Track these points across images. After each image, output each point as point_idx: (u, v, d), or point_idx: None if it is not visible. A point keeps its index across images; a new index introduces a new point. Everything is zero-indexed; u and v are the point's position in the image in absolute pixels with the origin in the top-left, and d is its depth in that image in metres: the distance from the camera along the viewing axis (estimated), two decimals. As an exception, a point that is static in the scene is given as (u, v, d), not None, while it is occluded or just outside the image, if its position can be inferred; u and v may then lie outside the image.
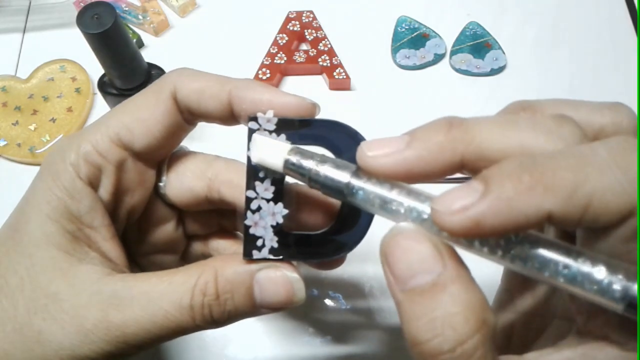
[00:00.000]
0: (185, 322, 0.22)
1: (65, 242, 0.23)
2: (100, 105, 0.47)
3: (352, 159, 0.20)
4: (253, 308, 0.23)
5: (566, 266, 0.16)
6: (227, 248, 0.30)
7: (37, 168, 0.44)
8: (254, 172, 0.22)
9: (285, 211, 0.22)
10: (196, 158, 0.27)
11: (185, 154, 0.27)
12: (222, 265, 0.23)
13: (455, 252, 0.18)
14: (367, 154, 0.19)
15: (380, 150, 0.19)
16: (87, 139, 0.24)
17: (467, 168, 0.19)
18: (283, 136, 0.22)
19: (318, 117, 0.23)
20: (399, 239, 0.18)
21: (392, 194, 0.19)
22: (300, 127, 0.22)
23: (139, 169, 0.26)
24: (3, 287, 0.22)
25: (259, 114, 0.22)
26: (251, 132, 0.22)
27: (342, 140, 0.22)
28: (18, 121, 0.46)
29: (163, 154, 0.26)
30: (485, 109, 0.46)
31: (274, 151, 0.21)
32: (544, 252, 0.17)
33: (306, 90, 0.48)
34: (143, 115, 0.24)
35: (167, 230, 0.28)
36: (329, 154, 0.22)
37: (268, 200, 0.22)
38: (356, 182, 0.20)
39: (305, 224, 0.25)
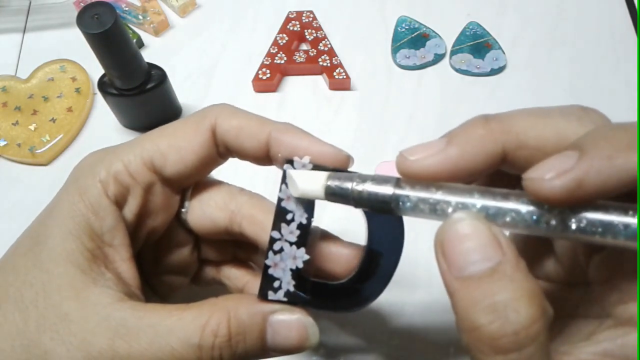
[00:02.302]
0: None
1: (83, 260, 0.23)
2: (100, 105, 0.47)
3: (379, 216, 0.21)
4: (263, 351, 0.23)
5: (626, 225, 0.17)
6: (239, 277, 0.30)
7: (38, 168, 0.45)
8: (282, 214, 0.22)
9: (307, 257, 0.22)
10: (221, 189, 0.27)
11: (210, 183, 0.27)
12: (236, 306, 0.22)
13: (511, 241, 0.18)
14: (409, 159, 0.19)
15: (422, 154, 0.19)
16: (119, 157, 0.24)
17: (507, 160, 0.19)
18: None
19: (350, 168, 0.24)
20: (457, 227, 0.18)
21: (439, 195, 0.19)
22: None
23: (166, 193, 0.26)
24: (17, 300, 0.22)
25: (296, 158, 0.23)
26: (285, 175, 0.22)
27: None
28: (18, 121, 0.46)
29: (190, 182, 0.27)
30: (485, 109, 0.46)
31: (313, 180, 0.21)
32: (605, 216, 0.17)
33: (306, 90, 0.48)
34: (179, 143, 0.25)
35: (183, 254, 0.28)
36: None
37: (291, 244, 0.22)
38: (401, 192, 0.19)
39: (324, 272, 0.25)
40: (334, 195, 0.21)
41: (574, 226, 0.17)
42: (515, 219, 0.18)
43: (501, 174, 0.21)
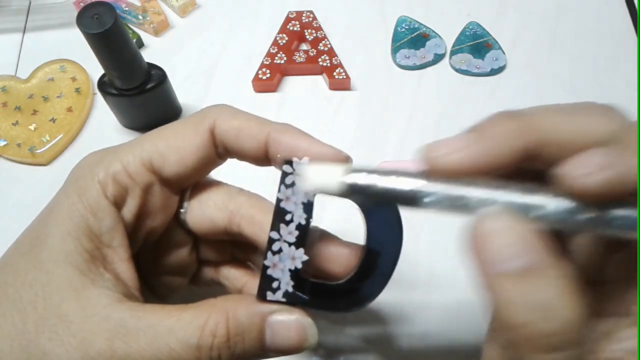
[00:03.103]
0: None
1: (82, 261, 0.23)
2: (100, 105, 0.47)
3: (378, 215, 0.21)
4: (262, 351, 0.23)
5: None
6: (238, 278, 0.30)
7: (38, 168, 0.45)
8: (281, 214, 0.22)
9: (306, 257, 0.22)
10: (220, 189, 0.27)
11: (209, 183, 0.27)
12: (234, 307, 0.22)
13: (544, 237, 0.18)
14: (435, 154, 0.19)
15: (449, 148, 0.19)
16: (118, 158, 0.24)
17: (533, 156, 0.19)
18: None
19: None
20: (491, 223, 0.18)
21: (466, 190, 0.19)
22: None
23: (164, 194, 0.26)
24: (16, 301, 0.22)
25: (295, 159, 0.23)
26: (284, 175, 0.22)
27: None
28: (18, 121, 0.46)
29: (189, 183, 0.27)
30: (485, 109, 0.45)
31: (330, 174, 0.21)
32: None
33: (306, 91, 0.48)
34: (178, 144, 0.25)
35: (182, 254, 0.28)
36: (352, 204, 0.22)
37: (290, 244, 0.22)
38: (426, 187, 0.19)
39: (323, 272, 0.25)
40: (352, 190, 0.20)
41: (610, 222, 0.17)
42: (550, 213, 0.18)
43: (520, 171, 0.21)
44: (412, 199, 0.20)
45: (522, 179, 0.20)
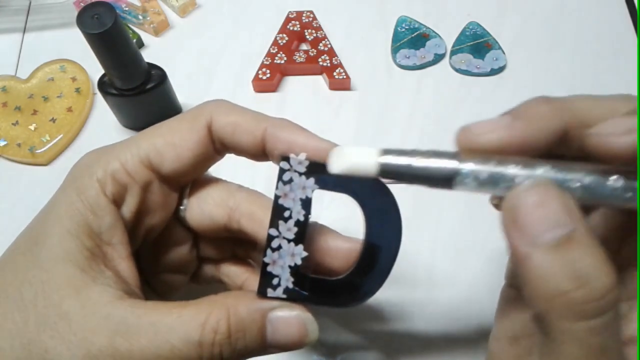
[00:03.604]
0: (191, 358, 0.21)
1: (82, 259, 0.23)
2: (100, 105, 0.47)
3: (377, 210, 0.21)
4: (263, 347, 0.23)
5: None
6: (239, 275, 0.30)
7: (38, 168, 0.45)
8: (280, 211, 0.22)
9: (305, 253, 0.22)
10: (219, 186, 0.27)
11: (208, 180, 0.27)
12: (235, 303, 0.22)
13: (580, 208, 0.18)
14: (474, 132, 0.20)
15: (488, 127, 0.20)
16: (116, 156, 0.24)
17: (568, 138, 0.20)
18: (312, 179, 0.22)
19: None
20: (530, 194, 0.18)
21: (504, 168, 0.19)
22: (330, 173, 0.22)
23: (164, 191, 0.26)
24: (17, 300, 0.22)
25: (292, 155, 0.23)
26: (282, 171, 0.22)
27: (367, 191, 0.22)
28: (18, 121, 0.46)
29: (188, 180, 0.27)
30: (485, 109, 0.46)
31: (365, 155, 0.21)
32: None
33: (306, 90, 0.48)
34: (175, 141, 0.25)
35: (182, 252, 0.28)
36: (351, 200, 0.22)
37: (289, 241, 0.22)
38: (464, 165, 0.20)
39: (323, 268, 0.25)
40: (388, 171, 0.20)
41: (632, 194, 0.18)
42: (581, 187, 0.19)
43: (552, 157, 0.21)
44: (449, 178, 0.20)
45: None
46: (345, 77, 0.47)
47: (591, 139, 0.18)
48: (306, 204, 0.23)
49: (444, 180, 0.20)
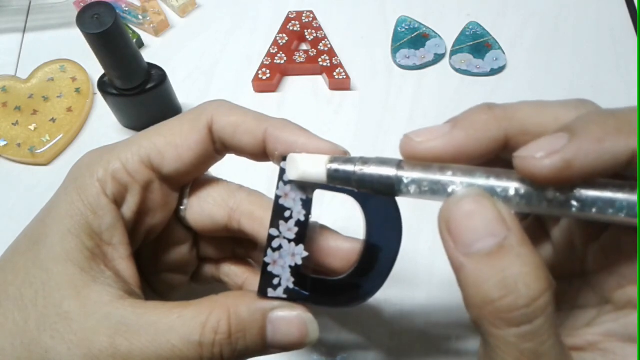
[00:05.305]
0: (191, 357, 0.21)
1: (83, 259, 0.23)
2: (100, 105, 0.47)
3: (377, 210, 0.21)
4: (263, 347, 0.23)
5: (624, 201, 0.17)
6: (239, 274, 0.30)
7: (38, 168, 0.45)
8: (280, 211, 0.22)
9: (306, 254, 0.22)
10: (219, 186, 0.27)
11: (208, 180, 0.27)
12: (236, 303, 0.22)
13: (515, 216, 0.18)
14: (415, 140, 0.20)
15: (428, 136, 0.20)
16: (117, 156, 0.24)
17: (509, 146, 0.20)
18: None
19: None
20: (463, 204, 0.18)
21: (444, 175, 0.19)
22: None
23: (164, 191, 0.26)
24: (17, 299, 0.22)
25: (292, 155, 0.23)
26: (282, 172, 0.23)
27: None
28: (18, 121, 0.46)
29: (189, 180, 0.27)
30: (485, 109, 0.46)
31: (315, 163, 0.21)
32: (603, 193, 0.18)
33: (306, 91, 0.48)
34: (176, 141, 0.25)
35: (182, 251, 0.28)
36: (352, 200, 0.22)
37: (290, 241, 0.22)
38: (405, 173, 0.20)
39: (324, 268, 0.25)
40: (336, 178, 0.21)
41: (574, 203, 0.18)
42: (517, 196, 0.19)
43: (499, 161, 0.21)
44: (391, 187, 0.20)
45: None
46: (345, 77, 0.47)
47: (515, 161, 0.18)
48: (307, 204, 0.23)
49: (387, 187, 0.20)
